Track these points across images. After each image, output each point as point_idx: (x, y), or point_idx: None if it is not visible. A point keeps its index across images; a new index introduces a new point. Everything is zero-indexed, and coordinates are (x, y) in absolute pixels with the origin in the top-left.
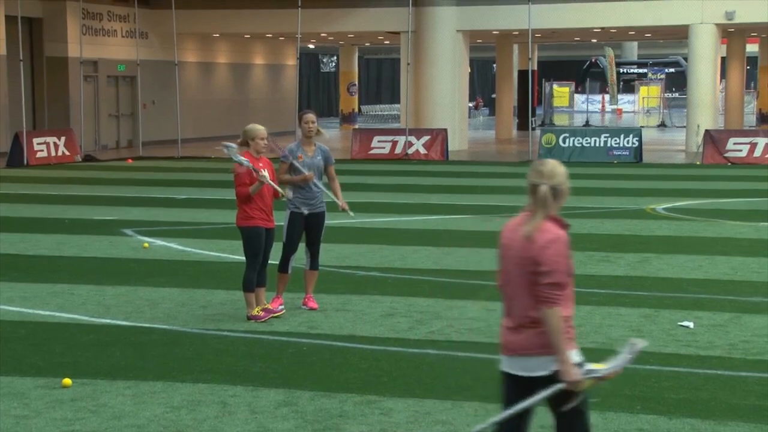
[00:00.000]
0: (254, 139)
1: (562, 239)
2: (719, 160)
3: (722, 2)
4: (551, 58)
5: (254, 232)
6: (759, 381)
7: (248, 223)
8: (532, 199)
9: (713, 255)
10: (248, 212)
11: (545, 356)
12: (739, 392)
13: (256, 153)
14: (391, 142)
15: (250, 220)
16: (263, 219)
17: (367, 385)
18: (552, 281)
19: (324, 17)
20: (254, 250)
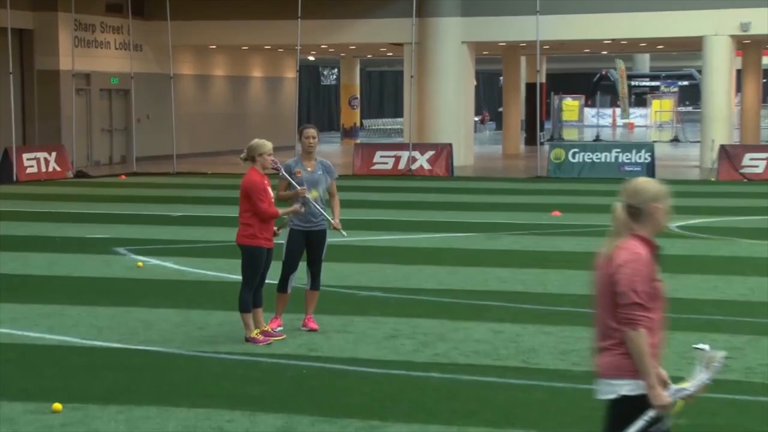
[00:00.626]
0: (261, 154)
1: (642, 259)
2: (735, 176)
3: (737, 13)
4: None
5: (257, 251)
6: None
7: (252, 242)
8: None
9: (729, 275)
10: (254, 231)
11: (618, 379)
12: (757, 418)
13: (262, 169)
14: (394, 158)
15: (254, 239)
16: (267, 239)
17: (369, 410)
18: (630, 302)
19: (324, 28)
20: (254, 270)
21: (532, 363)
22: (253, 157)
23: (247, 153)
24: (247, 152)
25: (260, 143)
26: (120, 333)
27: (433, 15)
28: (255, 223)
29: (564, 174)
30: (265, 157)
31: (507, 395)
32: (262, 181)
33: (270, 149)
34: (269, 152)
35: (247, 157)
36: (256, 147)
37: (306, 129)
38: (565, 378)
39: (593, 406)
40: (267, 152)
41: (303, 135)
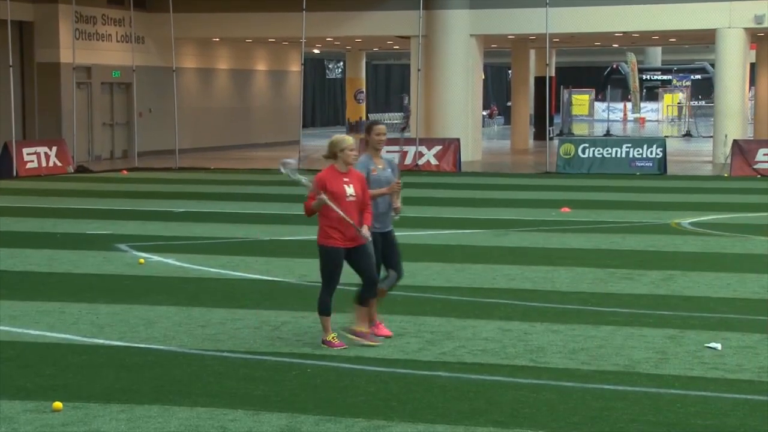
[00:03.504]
0: (343, 150)
1: None
2: (748, 172)
3: (751, 5)
4: (570, 64)
5: (330, 252)
6: None
7: (325, 242)
8: None
9: (742, 273)
10: (326, 230)
11: None
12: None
13: (344, 166)
14: (400, 153)
15: (328, 239)
16: (342, 239)
17: (374, 410)
18: None
19: (330, 21)
20: (328, 271)
21: (540, 362)
22: (335, 153)
23: (329, 150)
24: (329, 149)
25: (341, 138)
26: (121, 331)
27: (441, 7)
28: (324, 222)
29: (573, 170)
30: (347, 153)
31: (515, 394)
32: (323, 179)
33: (351, 144)
34: (351, 147)
35: (329, 155)
36: (337, 143)
37: (376, 125)
38: (574, 377)
39: (602, 406)
40: (348, 147)
41: (373, 132)
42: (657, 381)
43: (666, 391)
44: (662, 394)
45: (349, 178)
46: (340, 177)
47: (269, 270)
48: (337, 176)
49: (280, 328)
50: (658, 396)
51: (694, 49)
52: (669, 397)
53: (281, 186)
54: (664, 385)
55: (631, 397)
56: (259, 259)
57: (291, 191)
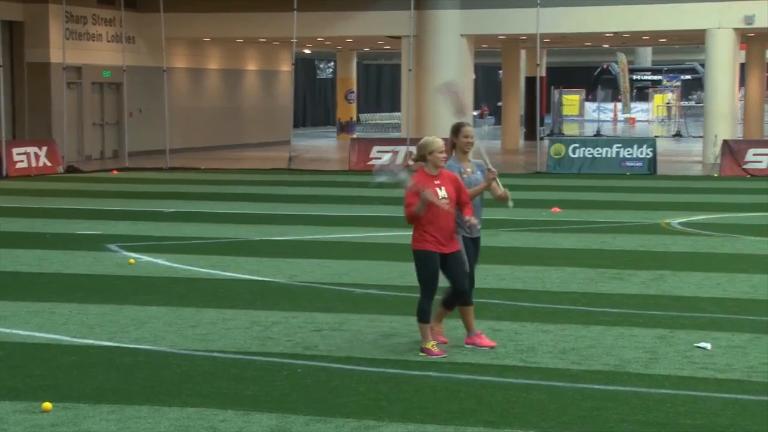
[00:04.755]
0: (432, 152)
1: None
2: (738, 172)
3: (741, 6)
4: (560, 65)
5: (426, 256)
6: None
7: (420, 247)
8: None
9: (732, 272)
10: (422, 234)
11: None
12: (759, 418)
13: (434, 168)
14: (391, 153)
15: (423, 243)
16: (436, 243)
17: (365, 410)
18: None
19: (321, 21)
20: (424, 276)
21: (530, 362)
22: (424, 156)
23: (418, 152)
24: (418, 151)
25: (431, 141)
26: (111, 331)
27: (431, 7)
28: (417, 225)
29: (564, 170)
30: (437, 155)
31: (505, 394)
32: (416, 183)
33: (441, 146)
34: (440, 150)
35: (418, 157)
36: (426, 145)
37: (465, 127)
38: (564, 377)
39: (592, 405)
40: (438, 150)
41: (461, 133)
42: (647, 381)
43: (656, 390)
44: (652, 393)
45: (440, 181)
46: (431, 180)
47: (259, 270)
48: (428, 179)
49: (271, 329)
50: (648, 396)
51: (685, 50)
52: (659, 397)
53: (271, 186)
54: (654, 385)
55: (621, 396)
56: (250, 259)
57: (281, 192)
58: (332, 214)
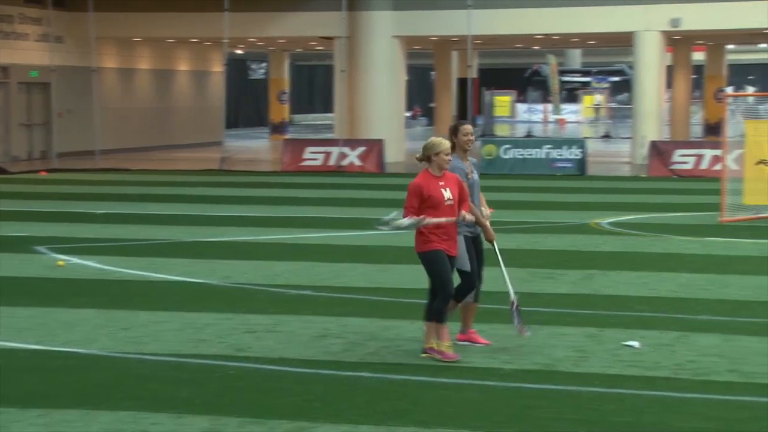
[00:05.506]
0: (438, 154)
1: None
2: (665, 172)
3: (668, 9)
4: (492, 66)
5: (434, 256)
6: (706, 403)
7: (427, 248)
8: None
9: (660, 271)
10: (426, 236)
11: None
12: (685, 415)
13: (439, 170)
14: (324, 154)
15: (428, 243)
16: (441, 242)
17: (298, 411)
18: None
19: (253, 21)
20: (438, 276)
21: (463, 361)
22: (429, 156)
23: (423, 153)
24: (423, 152)
25: (437, 142)
26: (40, 334)
27: (363, 9)
28: (423, 229)
29: (495, 170)
30: (442, 157)
31: (438, 394)
32: (420, 185)
33: (447, 148)
34: (446, 151)
35: (423, 158)
36: (432, 146)
37: (463, 125)
38: (497, 376)
39: (524, 404)
40: (444, 151)
41: (460, 132)
42: (577, 379)
43: (586, 389)
44: (582, 392)
45: (444, 182)
46: (436, 181)
47: (192, 272)
48: (433, 181)
49: (204, 330)
50: (578, 394)
51: (613, 52)
52: (589, 395)
53: (203, 187)
54: (584, 384)
55: (552, 395)
56: (182, 261)
57: (213, 193)
58: (265, 215)
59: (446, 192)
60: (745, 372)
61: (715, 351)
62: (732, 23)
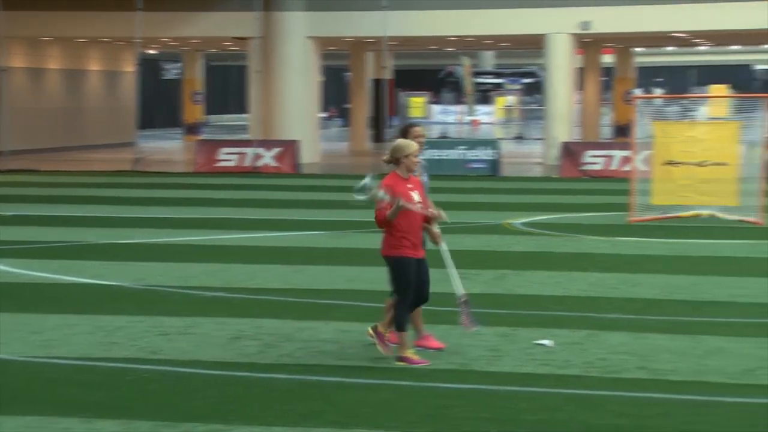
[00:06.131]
0: (408, 156)
1: None
2: (576, 173)
3: (578, 12)
4: (407, 67)
5: (404, 263)
6: (616, 399)
7: (396, 253)
8: None
9: (571, 271)
10: (396, 239)
11: None
12: (596, 412)
13: (407, 172)
14: (238, 154)
15: (398, 249)
16: (412, 248)
17: (213, 413)
18: None
19: (166, 21)
20: (404, 284)
21: (378, 362)
22: (398, 159)
23: (391, 155)
24: (391, 154)
25: (405, 144)
26: None
27: (278, 9)
28: (393, 231)
29: None
30: (411, 159)
31: (353, 395)
32: (391, 186)
33: (416, 150)
34: (415, 153)
35: (391, 160)
36: (401, 148)
37: (413, 127)
38: (411, 377)
39: (438, 404)
40: (413, 153)
41: (411, 134)
42: (491, 378)
43: (499, 387)
44: (496, 391)
45: (412, 185)
46: (404, 183)
47: (104, 274)
48: (402, 183)
49: (115, 333)
50: (492, 393)
51: (526, 53)
52: (502, 394)
53: (116, 188)
54: (497, 383)
55: (467, 394)
56: (94, 263)
57: (126, 194)
58: (179, 216)
59: (415, 195)
60: (654, 369)
61: (624, 349)
62: (640, 26)
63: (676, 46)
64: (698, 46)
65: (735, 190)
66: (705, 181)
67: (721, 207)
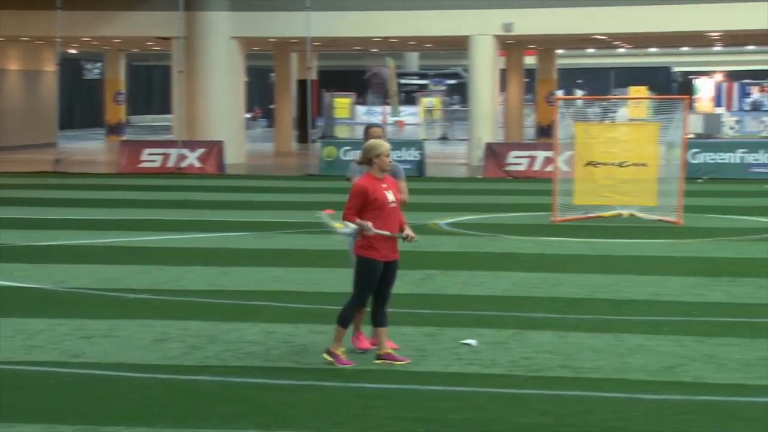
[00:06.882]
0: (379, 156)
1: None
2: (499, 173)
3: (500, 13)
4: (332, 68)
5: (372, 265)
6: (540, 398)
7: (367, 254)
8: None
9: (495, 270)
10: (370, 240)
11: None
12: (521, 410)
13: (380, 172)
14: (162, 155)
15: (370, 250)
16: (382, 252)
17: (136, 416)
18: None
19: (87, 20)
20: (367, 285)
21: (303, 363)
22: (370, 159)
23: (363, 155)
24: (363, 154)
25: (377, 144)
26: None
27: (201, 9)
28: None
29: (336, 172)
30: (383, 159)
31: (278, 396)
32: (365, 187)
33: (388, 150)
34: (387, 153)
35: (363, 161)
36: (373, 148)
37: (373, 128)
38: (337, 377)
39: (364, 404)
40: (385, 153)
41: (370, 134)
42: (416, 378)
43: (425, 387)
44: (421, 390)
45: (387, 184)
46: (379, 183)
47: (25, 276)
48: (377, 183)
49: (36, 337)
50: (417, 393)
51: (450, 55)
52: (428, 394)
53: (37, 190)
54: (423, 382)
55: (392, 394)
56: (15, 266)
57: (47, 195)
58: (102, 218)
59: (389, 194)
60: (577, 367)
61: (548, 348)
62: (561, 28)
63: (597, 48)
64: (618, 48)
65: (654, 190)
66: (625, 181)
67: (641, 207)
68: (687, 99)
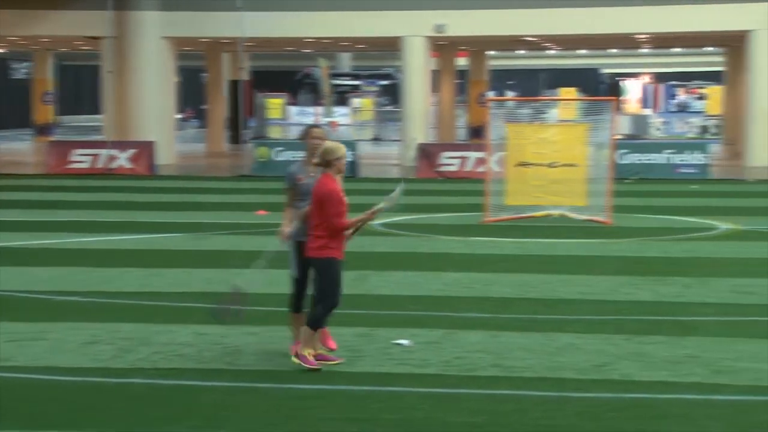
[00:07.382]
0: (339, 159)
1: None
2: (432, 174)
3: (433, 15)
4: (264, 68)
5: (337, 264)
6: (473, 397)
7: (329, 254)
8: None
9: (428, 271)
10: (327, 242)
11: None
12: (454, 410)
13: (338, 173)
14: (92, 156)
15: (331, 250)
16: (341, 250)
17: (67, 420)
18: None
19: (15, 19)
20: (335, 285)
21: (236, 364)
22: (329, 161)
23: (322, 158)
24: (322, 157)
25: (336, 147)
26: None
27: (131, 8)
28: (326, 233)
29: (269, 172)
30: (342, 162)
31: (212, 398)
32: (339, 190)
33: (345, 153)
34: (344, 156)
35: (321, 163)
36: (332, 151)
37: (313, 129)
38: (271, 378)
39: (297, 405)
40: (343, 156)
41: (309, 135)
42: (350, 378)
43: (358, 387)
44: (355, 391)
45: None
46: (338, 186)
47: None
48: (338, 185)
49: None
50: (350, 393)
51: (383, 56)
52: (361, 394)
53: None
54: (356, 383)
55: (326, 395)
56: None
57: None
58: (30, 219)
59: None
60: (508, 366)
61: (480, 347)
62: (493, 30)
63: (528, 49)
64: (548, 50)
65: (584, 190)
66: (556, 181)
67: (571, 207)
68: (615, 100)
